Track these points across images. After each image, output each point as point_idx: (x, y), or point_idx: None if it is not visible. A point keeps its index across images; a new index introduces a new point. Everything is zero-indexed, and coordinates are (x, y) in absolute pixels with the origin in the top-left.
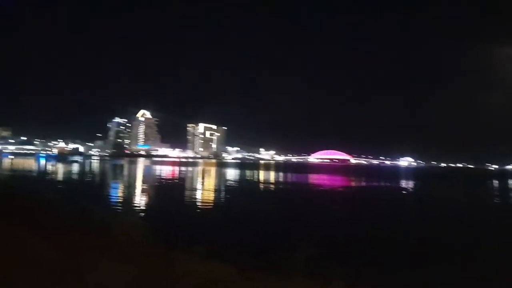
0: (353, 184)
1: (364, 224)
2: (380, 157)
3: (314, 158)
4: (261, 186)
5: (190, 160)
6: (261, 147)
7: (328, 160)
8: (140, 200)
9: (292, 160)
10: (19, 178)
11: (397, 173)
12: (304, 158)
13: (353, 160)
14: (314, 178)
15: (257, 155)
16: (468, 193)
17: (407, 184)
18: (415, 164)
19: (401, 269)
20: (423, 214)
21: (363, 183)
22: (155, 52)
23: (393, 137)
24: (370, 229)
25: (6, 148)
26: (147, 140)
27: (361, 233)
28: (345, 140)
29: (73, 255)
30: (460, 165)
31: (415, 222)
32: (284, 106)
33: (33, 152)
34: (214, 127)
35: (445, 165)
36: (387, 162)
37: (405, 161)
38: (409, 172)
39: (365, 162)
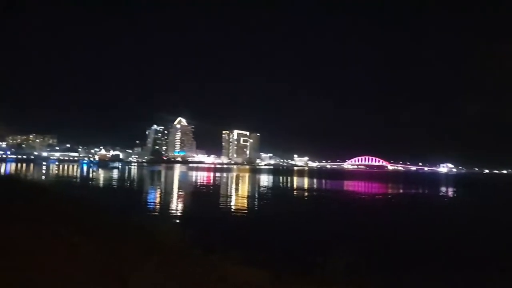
0: (389, 191)
1: (402, 232)
2: (419, 163)
3: (350, 164)
4: (295, 192)
5: (225, 166)
6: (295, 153)
7: (364, 167)
8: (177, 205)
9: (327, 166)
10: (64, 184)
11: (435, 180)
12: (339, 165)
13: (390, 167)
14: (349, 185)
15: (290, 161)
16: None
17: (446, 191)
18: (455, 170)
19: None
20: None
21: (400, 190)
22: (191, 60)
23: (432, 142)
24: (408, 238)
25: (53, 155)
26: (183, 146)
27: (398, 242)
28: (382, 146)
29: (113, 258)
30: (505, 171)
31: (456, 232)
32: (319, 111)
33: (76, 158)
34: (248, 133)
35: (487, 171)
36: (426, 169)
37: (445, 168)
38: (448, 179)
39: (402, 169)
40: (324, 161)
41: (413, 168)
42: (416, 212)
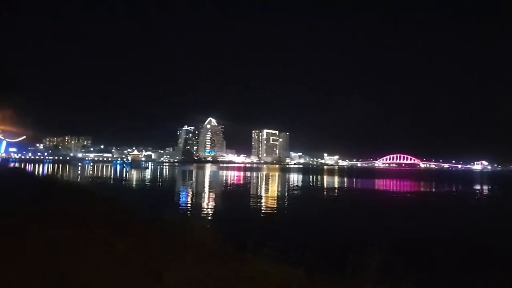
0: (421, 189)
1: (437, 232)
2: (452, 161)
3: (381, 163)
4: (325, 192)
5: (255, 165)
6: (325, 152)
7: (396, 165)
8: (208, 204)
9: (357, 165)
10: (99, 184)
11: (469, 177)
12: (370, 163)
13: (422, 165)
14: (380, 184)
15: (320, 160)
16: None
17: (480, 189)
18: (490, 168)
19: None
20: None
21: (433, 189)
22: (221, 62)
23: (466, 139)
24: (443, 237)
25: (87, 156)
26: (213, 146)
27: (434, 241)
28: (414, 144)
29: (148, 254)
30: None
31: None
32: (349, 110)
33: (110, 159)
34: (277, 133)
35: None
36: (459, 166)
37: (479, 165)
38: (483, 177)
39: (434, 167)
40: (354, 160)
41: (446, 166)
42: (450, 211)
